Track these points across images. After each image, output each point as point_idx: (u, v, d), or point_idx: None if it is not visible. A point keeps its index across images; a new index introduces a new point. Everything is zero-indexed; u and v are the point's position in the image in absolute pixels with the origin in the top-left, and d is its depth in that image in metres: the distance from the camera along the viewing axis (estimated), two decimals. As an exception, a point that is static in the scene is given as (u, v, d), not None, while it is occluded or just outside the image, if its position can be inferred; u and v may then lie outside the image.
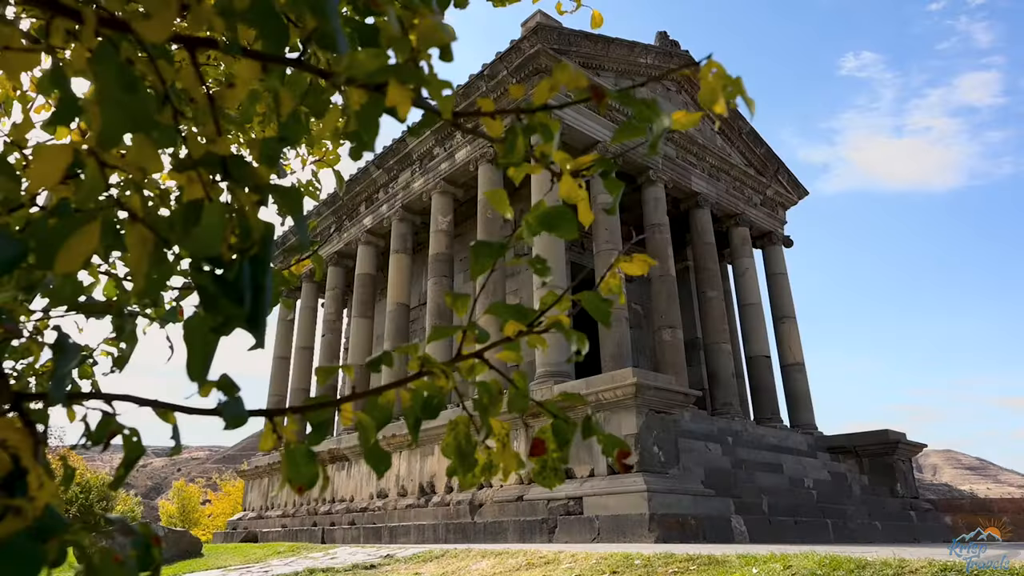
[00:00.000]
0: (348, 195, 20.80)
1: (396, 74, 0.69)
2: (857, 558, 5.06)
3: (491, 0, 2.83)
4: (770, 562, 5.35)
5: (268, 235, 0.70)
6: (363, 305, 19.83)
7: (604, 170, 0.92)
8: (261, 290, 0.67)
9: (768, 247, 20.47)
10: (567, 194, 0.92)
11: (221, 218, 0.65)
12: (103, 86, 0.63)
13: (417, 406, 0.88)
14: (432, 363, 0.88)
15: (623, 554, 6.41)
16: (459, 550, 8.29)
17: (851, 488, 15.35)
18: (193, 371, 0.67)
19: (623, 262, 1.04)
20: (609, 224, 15.12)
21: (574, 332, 0.94)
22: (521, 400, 0.94)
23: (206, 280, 0.65)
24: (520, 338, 0.93)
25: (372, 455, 0.86)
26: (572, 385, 11.85)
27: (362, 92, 0.71)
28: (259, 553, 12.31)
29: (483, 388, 0.94)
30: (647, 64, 18.02)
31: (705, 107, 0.80)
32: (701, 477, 11.56)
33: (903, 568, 4.69)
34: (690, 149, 18.36)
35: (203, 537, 25.13)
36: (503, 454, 0.96)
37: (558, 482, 0.97)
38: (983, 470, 68.81)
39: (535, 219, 0.89)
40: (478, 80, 15.90)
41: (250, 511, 21.67)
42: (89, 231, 0.64)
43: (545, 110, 0.78)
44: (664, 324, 15.94)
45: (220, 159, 0.69)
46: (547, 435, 0.96)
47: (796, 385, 18.51)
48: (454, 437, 0.95)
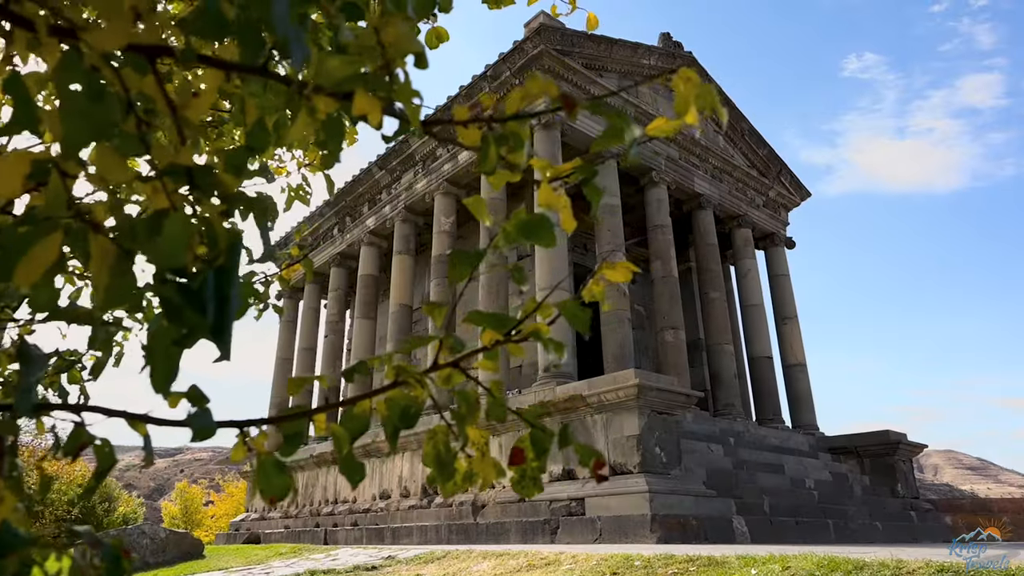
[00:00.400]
0: (351, 196, 20.79)
1: (363, 83, 0.68)
2: (855, 559, 5.05)
3: (486, 3, 2.82)
4: (769, 563, 5.34)
5: (235, 245, 0.69)
6: (366, 306, 19.83)
7: (585, 177, 0.91)
8: (226, 300, 0.66)
9: (770, 248, 20.45)
10: (546, 202, 0.91)
11: (184, 228, 0.65)
12: (67, 95, 0.62)
13: (394, 415, 0.87)
14: (407, 372, 0.87)
15: (623, 555, 6.40)
16: (460, 551, 8.28)
17: (852, 488, 15.33)
18: (156, 383, 0.67)
19: (606, 268, 1.03)
20: (612, 225, 15.09)
21: (552, 341, 0.93)
22: (498, 409, 0.93)
23: (170, 291, 0.65)
24: (498, 347, 0.92)
25: (346, 465, 0.85)
26: (575, 386, 11.83)
27: (330, 100, 0.70)
28: (261, 554, 12.30)
29: (461, 397, 0.93)
30: (650, 65, 18.00)
31: (678, 116, 0.79)
32: (703, 478, 11.55)
33: (900, 569, 4.68)
34: (693, 151, 18.34)
35: (206, 538, 25.15)
36: (482, 463, 0.95)
37: (537, 491, 0.96)
38: (984, 470, 68.75)
39: (513, 227, 0.88)
40: (481, 81, 15.90)
41: (253, 512, 21.69)
42: (50, 242, 0.63)
43: (517, 119, 0.78)
44: (667, 325, 15.92)
45: (185, 169, 0.69)
46: (526, 444, 0.96)
47: (798, 386, 18.49)
48: (433, 446, 0.94)
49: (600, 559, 6.45)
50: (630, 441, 10.71)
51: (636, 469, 10.46)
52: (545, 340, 0.92)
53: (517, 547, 8.44)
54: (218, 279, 0.66)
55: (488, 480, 0.94)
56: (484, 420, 0.94)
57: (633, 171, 16.85)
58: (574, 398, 11.51)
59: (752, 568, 5.27)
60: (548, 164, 0.92)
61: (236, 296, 0.67)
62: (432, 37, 2.46)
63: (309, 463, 18.80)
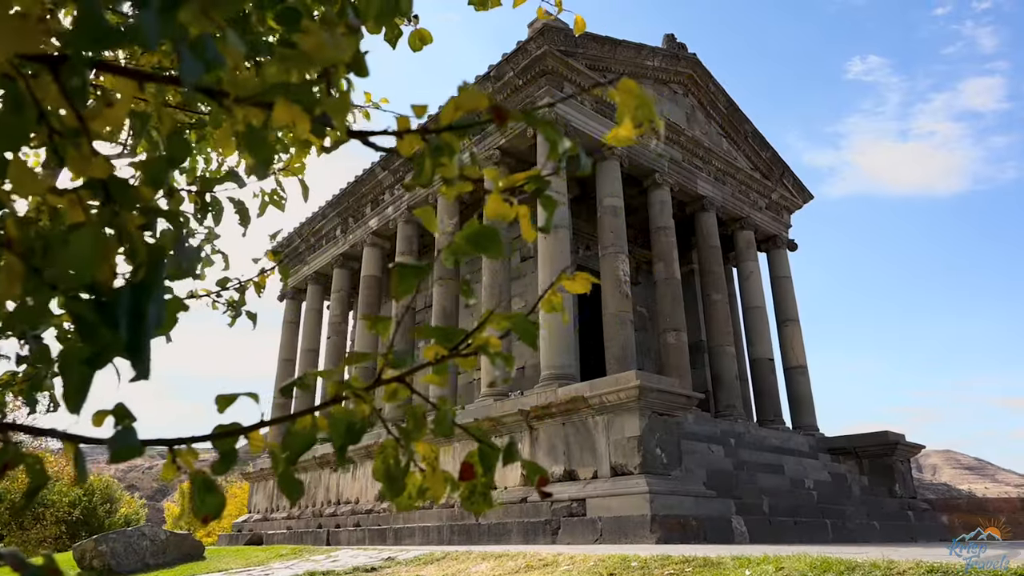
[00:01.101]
0: (354, 196, 20.76)
1: (284, 92, 0.66)
2: (847, 560, 5.04)
3: (473, 4, 2.80)
4: (763, 564, 5.33)
5: (156, 259, 0.68)
6: (369, 307, 19.81)
7: (538, 188, 0.89)
8: (142, 317, 0.64)
9: (773, 251, 20.40)
10: (495, 212, 0.89)
11: (94, 243, 0.63)
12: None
13: (339, 431, 0.85)
14: (350, 388, 0.85)
15: (620, 556, 6.39)
16: (460, 552, 8.28)
17: (851, 489, 15.31)
18: (69, 402, 0.65)
19: (565, 280, 1.01)
20: (614, 227, 15.06)
21: (501, 355, 0.91)
22: (444, 426, 0.91)
23: (82, 308, 0.63)
24: (446, 362, 0.90)
25: (283, 482, 0.83)
26: (576, 388, 11.81)
27: (253, 111, 0.68)
28: (261, 556, 12.31)
29: (408, 412, 0.91)
30: (654, 66, 17.97)
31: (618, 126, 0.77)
32: (703, 478, 11.53)
33: (891, 569, 4.66)
34: (696, 152, 18.29)
35: (209, 539, 25.16)
36: (433, 477, 0.93)
37: (486, 507, 0.94)
38: (981, 470, 68.92)
39: (462, 239, 0.86)
40: (484, 81, 15.86)
41: (255, 513, 21.70)
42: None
43: (451, 130, 0.75)
44: (669, 327, 15.89)
45: (100, 182, 0.67)
46: (475, 460, 0.94)
47: (798, 388, 18.46)
48: (383, 461, 0.92)
49: (598, 560, 6.44)
50: (631, 442, 10.69)
51: (637, 470, 10.44)
52: (492, 355, 0.90)
53: (516, 548, 8.43)
54: (135, 295, 0.64)
55: (438, 496, 0.93)
56: (432, 435, 0.92)
57: (636, 173, 16.80)
58: (576, 399, 11.49)
59: (746, 569, 5.25)
60: (498, 175, 0.90)
61: (158, 312, 0.65)
62: (415, 39, 2.44)
63: (312, 464, 18.80)
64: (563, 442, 11.86)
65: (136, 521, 26.65)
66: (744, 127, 20.39)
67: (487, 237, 0.85)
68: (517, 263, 17.05)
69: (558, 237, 14.10)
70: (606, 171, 15.55)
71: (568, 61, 15.05)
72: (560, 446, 11.88)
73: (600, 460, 11.10)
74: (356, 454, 16.84)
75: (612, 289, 14.48)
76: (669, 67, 18.54)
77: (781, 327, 19.17)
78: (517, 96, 15.43)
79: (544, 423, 12.25)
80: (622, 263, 14.70)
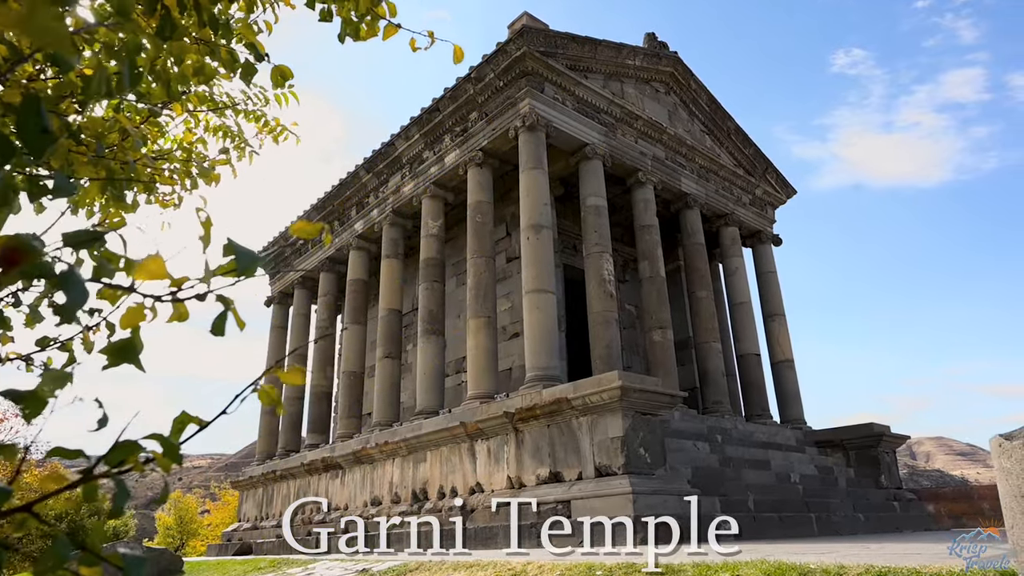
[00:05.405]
0: (339, 199, 20.70)
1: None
2: (801, 565, 5.12)
3: (349, 34, 2.77)
4: (721, 571, 5.41)
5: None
6: (356, 311, 19.79)
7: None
8: None
9: (758, 246, 20.50)
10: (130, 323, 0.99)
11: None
12: None
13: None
14: None
15: (587, 564, 6.48)
16: (434, 563, 8.40)
17: (837, 481, 15.43)
18: None
19: (278, 371, 1.11)
20: (598, 226, 15.07)
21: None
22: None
23: None
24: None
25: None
26: (561, 389, 11.84)
27: None
28: (239, 569, 12.34)
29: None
30: (635, 66, 18.01)
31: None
32: (688, 477, 11.58)
33: (841, 573, 4.72)
34: (679, 150, 18.34)
35: (200, 548, 25.03)
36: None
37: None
38: (973, 455, 69.59)
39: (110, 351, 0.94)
40: (465, 83, 15.86)
41: (245, 522, 21.61)
42: None
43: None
44: (654, 325, 15.93)
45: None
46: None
47: (786, 382, 18.59)
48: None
49: (564, 569, 6.53)
50: (615, 443, 10.73)
51: (620, 470, 10.49)
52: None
53: (488, 557, 8.53)
54: None
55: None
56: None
57: (620, 172, 16.82)
58: (559, 401, 11.52)
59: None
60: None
61: None
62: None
63: (300, 471, 18.79)
64: (548, 444, 11.89)
65: (126, 532, 26.49)
66: (727, 124, 20.47)
67: (127, 350, 0.93)
68: (503, 264, 17.02)
69: (542, 238, 14.11)
70: (589, 171, 15.58)
71: (548, 62, 15.06)
72: (545, 448, 11.91)
73: (584, 461, 11.14)
74: (345, 460, 16.84)
75: (597, 289, 14.52)
76: (650, 66, 18.59)
77: (767, 322, 19.29)
78: (498, 97, 15.43)
79: (529, 425, 12.28)
80: (607, 263, 14.73)
